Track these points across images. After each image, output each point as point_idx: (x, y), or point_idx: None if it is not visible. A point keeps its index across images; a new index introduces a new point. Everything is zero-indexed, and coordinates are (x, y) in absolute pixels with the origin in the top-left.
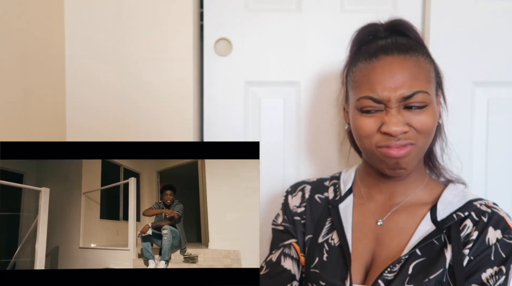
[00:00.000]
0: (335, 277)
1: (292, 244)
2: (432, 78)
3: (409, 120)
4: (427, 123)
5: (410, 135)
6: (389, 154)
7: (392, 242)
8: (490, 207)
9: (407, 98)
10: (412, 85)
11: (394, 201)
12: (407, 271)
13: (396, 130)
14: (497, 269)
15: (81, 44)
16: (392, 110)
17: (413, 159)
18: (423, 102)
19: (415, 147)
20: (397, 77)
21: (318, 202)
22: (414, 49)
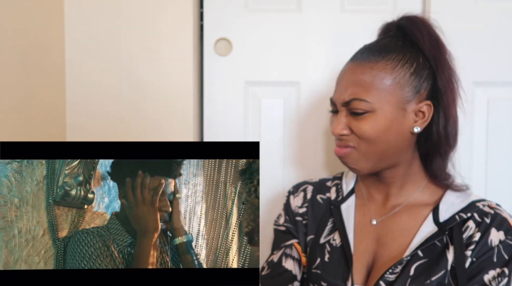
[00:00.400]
0: (337, 278)
1: (293, 245)
2: (392, 85)
3: (350, 124)
4: (364, 130)
5: (350, 139)
6: (335, 151)
7: (394, 243)
8: (493, 208)
9: (346, 103)
10: (352, 93)
11: (393, 202)
12: (409, 273)
13: (335, 131)
14: (499, 270)
15: (81, 44)
16: (340, 113)
17: (360, 160)
18: (361, 109)
19: (356, 150)
20: (344, 83)
21: (320, 203)
22: (382, 52)
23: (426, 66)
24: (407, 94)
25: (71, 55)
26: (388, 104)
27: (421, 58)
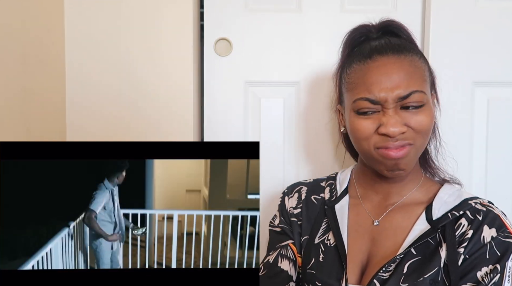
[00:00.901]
0: (331, 278)
1: (289, 245)
2: (427, 78)
3: (407, 120)
4: (424, 123)
5: (407, 136)
6: (388, 155)
7: (388, 242)
8: (485, 205)
9: (403, 98)
10: (408, 85)
11: (389, 201)
12: (402, 270)
13: (394, 131)
14: (492, 267)
15: (81, 44)
16: (389, 111)
17: (412, 159)
18: (419, 102)
19: (414, 147)
20: (393, 77)
21: (314, 203)
22: (408, 49)
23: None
24: (430, 87)
25: (71, 56)
26: (429, 96)
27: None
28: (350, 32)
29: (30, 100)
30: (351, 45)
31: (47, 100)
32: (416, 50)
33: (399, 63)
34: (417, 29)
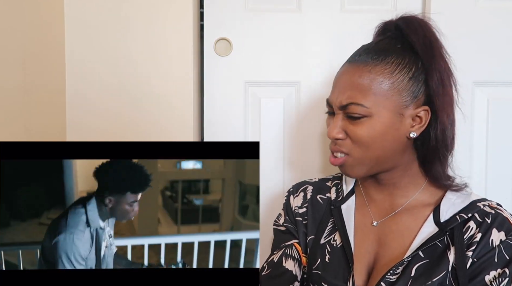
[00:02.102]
0: (337, 279)
1: (293, 245)
2: (389, 90)
3: (346, 128)
4: (360, 135)
5: (345, 144)
6: (330, 160)
7: (395, 244)
8: (493, 208)
9: (343, 107)
10: (349, 96)
11: (394, 202)
12: (410, 273)
13: (331, 134)
14: (500, 271)
15: (81, 44)
16: (337, 116)
17: (355, 166)
18: (357, 114)
19: (350, 157)
20: (341, 85)
21: (320, 203)
22: (380, 55)
23: (424, 70)
24: (404, 100)
25: (71, 55)
26: (385, 110)
27: (420, 62)
28: (375, 29)
29: (30, 99)
30: None
31: (47, 99)
32: (396, 59)
33: (352, 73)
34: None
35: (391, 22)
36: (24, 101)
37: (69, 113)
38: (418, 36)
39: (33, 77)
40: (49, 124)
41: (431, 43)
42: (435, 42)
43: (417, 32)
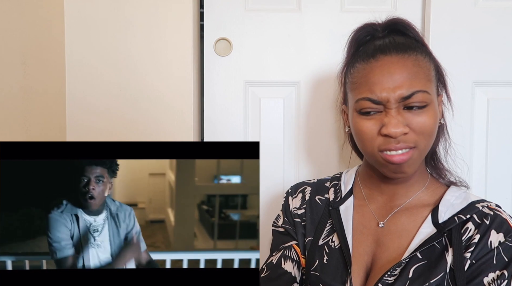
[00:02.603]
0: (335, 280)
1: (292, 246)
2: (432, 77)
3: (409, 121)
4: (427, 124)
5: (409, 138)
6: (391, 161)
7: (393, 245)
8: (492, 209)
9: (406, 98)
10: (411, 85)
11: (395, 202)
12: (408, 275)
13: (395, 131)
14: (499, 273)
15: (81, 44)
16: (392, 111)
17: (415, 162)
18: (423, 102)
19: (417, 149)
20: (396, 77)
21: (319, 204)
22: (413, 48)
23: (434, 62)
24: (436, 87)
25: (71, 55)
26: (434, 97)
27: (430, 55)
28: (356, 31)
29: (30, 100)
30: (356, 44)
31: (47, 100)
32: (421, 49)
33: (402, 63)
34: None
35: (377, 24)
36: (24, 102)
37: (69, 113)
38: (418, 34)
39: (33, 78)
40: (49, 125)
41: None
42: None
43: (415, 30)
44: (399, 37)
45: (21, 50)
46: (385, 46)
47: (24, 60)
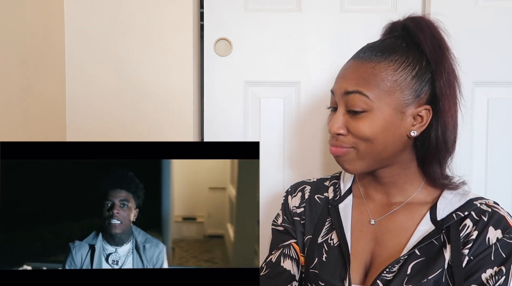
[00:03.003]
0: (334, 277)
1: (291, 244)
2: (392, 87)
3: (348, 124)
4: (361, 130)
5: (346, 140)
6: (330, 151)
7: (392, 242)
8: (490, 206)
9: (348, 93)
10: (356, 84)
11: (391, 201)
12: (406, 271)
13: (332, 129)
14: (497, 269)
15: (81, 44)
16: (337, 111)
17: (356, 161)
18: (360, 107)
19: (355, 150)
20: (347, 76)
21: (318, 202)
22: (385, 53)
23: (429, 70)
24: (407, 98)
25: (71, 55)
26: (386, 106)
27: (424, 61)
28: (382, 30)
29: (30, 100)
30: None
31: (47, 100)
32: (400, 57)
33: (357, 67)
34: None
35: (399, 23)
36: (24, 102)
37: (69, 113)
38: (426, 37)
39: (33, 78)
40: (49, 125)
41: (439, 44)
42: (443, 43)
43: (425, 32)
44: (392, 40)
45: (21, 50)
46: (359, 51)
47: (24, 60)
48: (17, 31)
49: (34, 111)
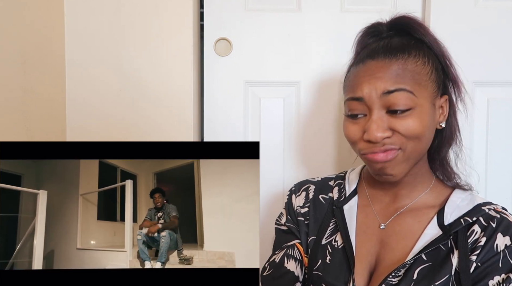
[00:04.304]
0: (338, 280)
1: (295, 245)
2: (425, 81)
3: (393, 125)
4: (412, 128)
5: (395, 141)
6: (373, 159)
7: (397, 245)
8: (499, 212)
9: (389, 92)
10: (395, 82)
11: (399, 203)
12: (412, 277)
13: (376, 136)
14: (505, 276)
15: (81, 44)
16: (374, 115)
17: (401, 164)
18: (406, 105)
19: (403, 151)
20: (379, 75)
21: (322, 203)
22: (405, 50)
23: (439, 62)
24: (434, 90)
25: (71, 55)
26: (425, 101)
27: (433, 55)
28: (361, 32)
29: (30, 100)
30: (361, 45)
31: (47, 100)
32: (419, 51)
33: (387, 66)
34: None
35: (383, 24)
36: (24, 102)
37: (69, 113)
38: (425, 32)
39: (33, 78)
40: (49, 125)
41: (436, 38)
42: (435, 36)
43: (423, 28)
44: (397, 39)
45: (21, 51)
46: (374, 50)
47: (24, 60)
48: (17, 31)
49: (34, 111)
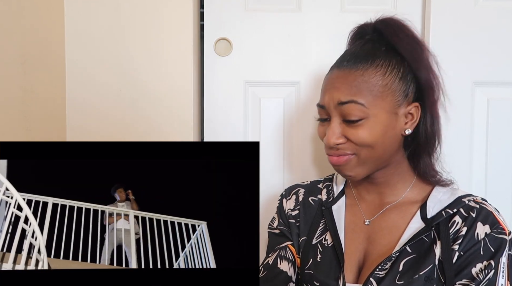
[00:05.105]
0: (329, 277)
1: (288, 246)
2: (384, 92)
3: (346, 133)
4: (362, 137)
5: (348, 147)
6: (330, 161)
7: (383, 241)
8: (478, 202)
9: (342, 103)
10: (350, 94)
11: (383, 200)
12: (398, 268)
13: (329, 142)
14: (486, 263)
15: (81, 44)
16: (332, 122)
17: (356, 167)
18: (356, 116)
19: (357, 156)
20: (338, 85)
21: (312, 204)
22: (369, 59)
23: (411, 69)
24: (397, 99)
25: (71, 55)
26: (382, 110)
27: (405, 61)
28: (351, 33)
29: (30, 100)
30: (349, 46)
31: (47, 100)
32: (383, 61)
33: (345, 77)
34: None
35: (368, 25)
36: (24, 102)
37: (69, 113)
38: (400, 38)
39: (33, 78)
40: (49, 125)
41: (414, 42)
42: (417, 40)
43: (398, 34)
44: (368, 45)
45: (21, 51)
46: (343, 58)
47: (24, 60)
48: (17, 32)
49: (34, 111)
